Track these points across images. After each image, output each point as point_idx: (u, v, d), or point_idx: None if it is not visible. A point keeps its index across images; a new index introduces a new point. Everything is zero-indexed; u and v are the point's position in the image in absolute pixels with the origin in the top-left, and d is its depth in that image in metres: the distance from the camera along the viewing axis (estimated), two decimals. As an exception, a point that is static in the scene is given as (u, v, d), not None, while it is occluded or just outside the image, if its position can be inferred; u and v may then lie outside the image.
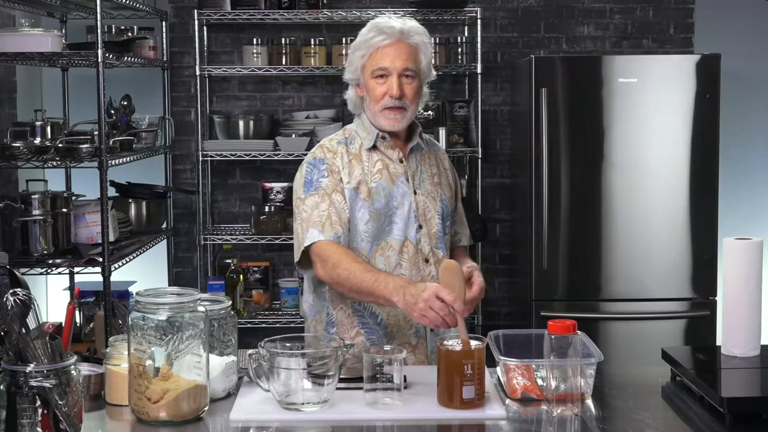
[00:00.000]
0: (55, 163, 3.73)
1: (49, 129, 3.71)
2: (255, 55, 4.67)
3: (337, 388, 2.18)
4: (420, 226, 2.64)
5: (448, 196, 2.74)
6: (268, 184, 4.77)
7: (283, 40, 4.71)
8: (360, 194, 2.60)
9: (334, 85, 4.90)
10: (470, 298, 2.39)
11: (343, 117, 4.68)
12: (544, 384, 2.16)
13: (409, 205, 2.63)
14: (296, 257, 2.61)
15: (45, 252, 3.67)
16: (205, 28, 4.81)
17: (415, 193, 2.65)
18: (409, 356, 2.58)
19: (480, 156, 4.64)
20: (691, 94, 4.21)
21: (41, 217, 3.65)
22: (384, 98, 2.58)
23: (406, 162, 2.67)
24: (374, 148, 2.65)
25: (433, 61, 2.71)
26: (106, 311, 3.81)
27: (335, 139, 2.69)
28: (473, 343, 2.18)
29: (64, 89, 4.68)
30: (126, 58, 4.08)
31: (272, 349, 2.14)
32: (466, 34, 4.86)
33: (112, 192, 4.25)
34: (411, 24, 2.62)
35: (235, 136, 4.68)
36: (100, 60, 3.67)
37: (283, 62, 4.69)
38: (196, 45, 4.66)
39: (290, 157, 4.55)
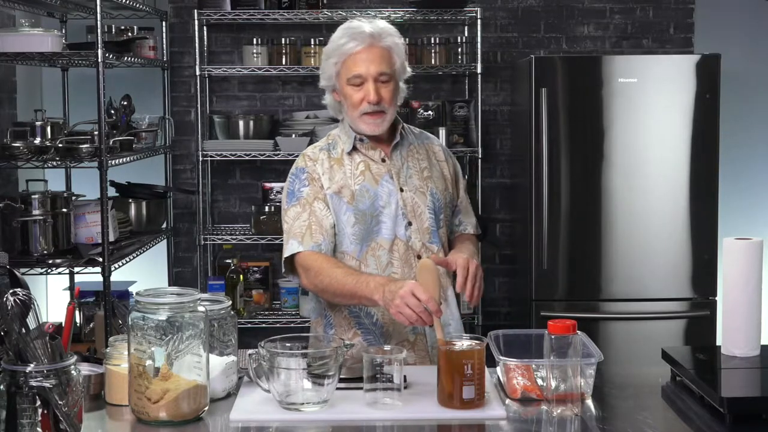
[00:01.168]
0: (55, 163, 3.74)
1: (49, 129, 3.71)
2: (255, 55, 4.67)
3: (337, 388, 2.18)
4: (409, 223, 2.64)
5: (440, 189, 2.72)
6: (268, 184, 4.77)
7: (283, 40, 4.71)
8: (343, 198, 2.60)
9: (334, 85, 4.89)
10: (459, 283, 2.45)
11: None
12: (544, 384, 2.16)
13: (396, 204, 2.63)
14: (282, 268, 2.65)
15: (45, 252, 3.67)
16: (205, 28, 4.81)
17: (401, 190, 2.65)
18: (408, 354, 2.58)
19: (480, 156, 4.65)
20: (691, 94, 4.21)
21: (41, 217, 3.65)
22: (362, 104, 2.59)
23: (389, 160, 2.67)
24: (355, 150, 2.66)
25: (407, 61, 2.70)
26: (106, 311, 3.81)
27: (318, 146, 2.71)
28: (473, 343, 2.18)
29: (64, 89, 4.68)
30: (126, 58, 4.08)
31: (272, 349, 2.14)
32: (466, 34, 4.86)
33: (112, 192, 4.25)
34: (382, 25, 2.61)
35: (235, 136, 4.68)
36: (100, 60, 3.67)
37: (283, 62, 4.69)
38: (196, 45, 4.66)
39: (290, 157, 4.54)
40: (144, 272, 4.66)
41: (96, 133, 3.72)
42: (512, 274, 4.86)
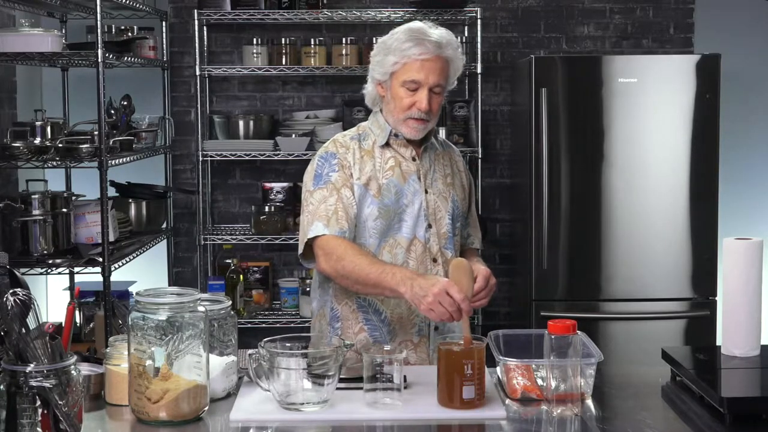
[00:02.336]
0: (55, 163, 3.73)
1: (49, 129, 3.71)
2: (255, 55, 4.67)
3: (337, 388, 2.18)
4: (429, 225, 2.64)
5: (460, 197, 2.74)
6: (268, 184, 4.77)
7: (283, 40, 4.71)
8: (370, 190, 2.60)
9: (334, 85, 4.90)
10: (476, 288, 2.42)
11: (343, 117, 4.68)
12: (544, 384, 2.16)
13: (419, 204, 2.63)
14: (300, 249, 2.62)
15: (45, 252, 3.67)
16: (205, 28, 4.81)
17: (426, 191, 2.65)
18: (410, 354, 2.59)
19: (480, 156, 4.65)
20: (691, 94, 4.21)
21: (41, 217, 3.65)
22: (411, 109, 2.58)
23: (419, 160, 2.67)
24: (387, 145, 2.66)
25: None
26: (106, 311, 3.82)
27: (348, 135, 2.70)
28: (473, 343, 2.18)
29: (64, 89, 4.68)
30: (126, 58, 4.08)
31: (272, 349, 2.14)
32: (466, 34, 4.86)
33: (112, 192, 4.25)
34: (446, 35, 2.59)
35: (235, 136, 4.68)
36: (100, 60, 3.67)
37: (283, 62, 4.69)
38: (196, 45, 4.66)
39: (290, 157, 4.55)
40: (144, 272, 4.66)
41: (96, 133, 3.72)
42: (512, 274, 4.86)
